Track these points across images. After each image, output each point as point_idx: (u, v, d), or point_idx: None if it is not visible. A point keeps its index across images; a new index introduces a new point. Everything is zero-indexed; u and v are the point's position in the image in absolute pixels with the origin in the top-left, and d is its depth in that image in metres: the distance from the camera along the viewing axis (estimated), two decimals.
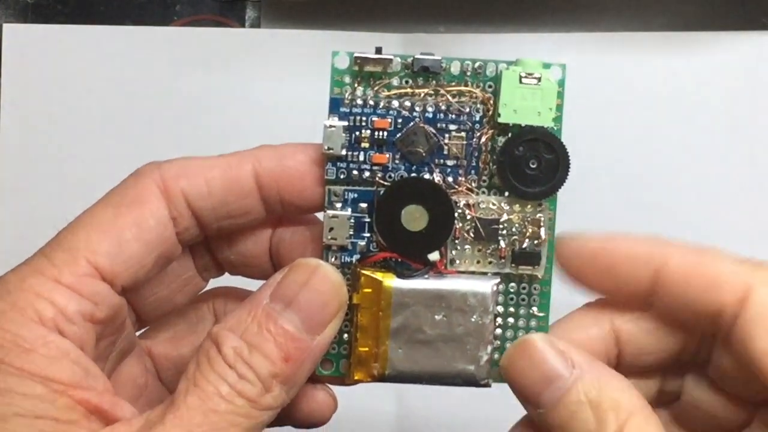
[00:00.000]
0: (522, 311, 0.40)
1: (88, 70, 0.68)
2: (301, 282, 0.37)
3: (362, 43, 0.66)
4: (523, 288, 0.40)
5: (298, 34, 0.68)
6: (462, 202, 0.39)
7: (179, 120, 0.68)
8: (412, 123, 0.39)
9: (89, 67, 0.68)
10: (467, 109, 0.39)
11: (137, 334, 0.43)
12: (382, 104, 0.39)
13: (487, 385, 0.40)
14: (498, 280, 0.39)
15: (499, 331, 0.40)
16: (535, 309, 0.40)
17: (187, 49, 0.68)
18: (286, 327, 0.36)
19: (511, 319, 0.40)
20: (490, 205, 0.39)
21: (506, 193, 0.40)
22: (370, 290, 0.39)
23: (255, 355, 0.36)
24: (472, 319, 0.39)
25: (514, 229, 0.39)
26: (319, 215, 0.41)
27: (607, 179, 0.65)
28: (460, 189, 0.39)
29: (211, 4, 0.69)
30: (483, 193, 0.40)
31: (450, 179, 0.39)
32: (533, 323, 0.40)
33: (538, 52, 0.66)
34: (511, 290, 0.40)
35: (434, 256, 0.39)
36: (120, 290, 0.38)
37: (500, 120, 0.39)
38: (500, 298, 0.40)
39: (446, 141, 0.39)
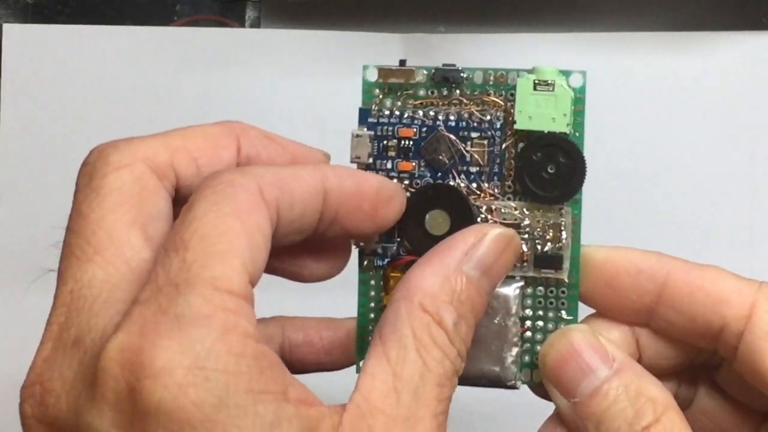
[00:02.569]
0: (551, 314, 0.41)
1: (88, 70, 0.68)
2: (500, 251, 0.38)
3: (362, 43, 0.67)
4: (551, 291, 0.41)
5: (298, 34, 0.68)
6: (484, 208, 0.40)
7: (179, 120, 0.67)
8: (435, 131, 0.40)
9: (89, 67, 0.68)
10: (488, 117, 0.40)
11: None
12: (407, 114, 0.40)
13: (515, 387, 0.40)
14: (521, 283, 0.40)
15: (528, 333, 0.41)
16: (563, 312, 0.41)
17: (187, 49, 0.68)
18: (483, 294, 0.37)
19: (540, 322, 0.41)
20: (512, 210, 0.40)
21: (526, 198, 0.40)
22: None
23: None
24: (495, 321, 0.40)
25: (536, 233, 0.40)
26: None
27: (605, 178, 0.66)
28: (483, 195, 0.40)
29: (211, 4, 0.70)
30: (509, 198, 0.40)
31: (474, 185, 0.40)
32: (562, 327, 0.40)
33: (538, 52, 0.67)
34: (539, 293, 0.41)
35: None
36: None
37: (516, 127, 0.40)
38: (528, 302, 0.41)
39: (468, 148, 0.40)
